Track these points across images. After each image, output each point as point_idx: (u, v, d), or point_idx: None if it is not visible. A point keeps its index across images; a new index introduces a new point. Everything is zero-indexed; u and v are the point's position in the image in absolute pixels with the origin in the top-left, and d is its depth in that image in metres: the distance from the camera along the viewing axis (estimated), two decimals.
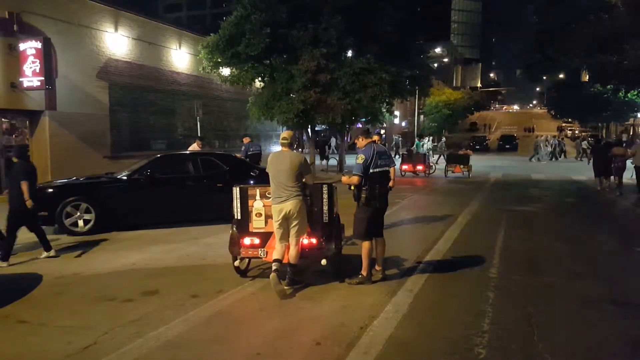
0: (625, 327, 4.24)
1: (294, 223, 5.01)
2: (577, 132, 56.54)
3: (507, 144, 45.54)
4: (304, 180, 5.09)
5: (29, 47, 12.08)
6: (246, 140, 13.46)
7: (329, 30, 15.78)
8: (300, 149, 25.85)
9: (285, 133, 5.26)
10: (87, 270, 5.87)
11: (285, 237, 5.07)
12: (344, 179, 5.33)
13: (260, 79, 17.58)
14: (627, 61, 26.41)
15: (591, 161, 15.59)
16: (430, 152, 27.55)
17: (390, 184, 6.77)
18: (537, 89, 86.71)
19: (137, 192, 8.39)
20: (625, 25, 25.51)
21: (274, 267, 4.92)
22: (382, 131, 44.41)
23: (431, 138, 29.44)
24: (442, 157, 26.61)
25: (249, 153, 12.93)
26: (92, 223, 7.93)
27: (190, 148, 12.77)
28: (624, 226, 9.54)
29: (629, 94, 37.10)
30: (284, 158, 5.05)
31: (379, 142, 6.58)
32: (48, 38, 12.48)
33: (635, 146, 14.58)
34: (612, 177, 14.30)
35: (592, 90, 39.01)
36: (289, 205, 4.96)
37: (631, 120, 46.54)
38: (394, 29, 18.20)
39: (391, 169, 6.92)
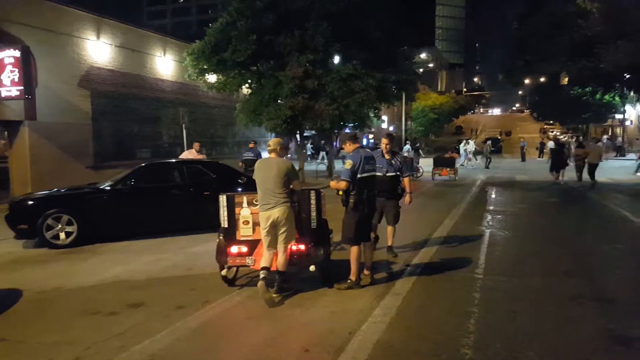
0: (608, 324, 4.30)
1: (282, 230, 4.96)
2: (557, 133, 57.42)
3: (492, 147, 46.05)
4: (291, 186, 5.05)
5: (7, 56, 11.90)
6: (251, 145, 13.81)
7: (316, 36, 15.83)
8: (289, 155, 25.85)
9: (271, 140, 5.23)
10: (70, 284, 5.72)
11: (273, 244, 5.01)
12: (332, 184, 5.30)
13: (247, 85, 17.56)
14: (603, 65, 27.06)
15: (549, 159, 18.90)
16: (472, 154, 28.67)
17: (407, 199, 6.72)
18: (520, 92, 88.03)
19: (121, 202, 8.23)
20: (601, 31, 26.20)
21: (261, 275, 4.85)
22: (371, 136, 44.61)
23: (474, 141, 30.26)
24: (488, 159, 26.87)
25: (244, 157, 13.04)
26: (74, 235, 7.72)
27: (186, 152, 12.64)
28: (603, 224, 9.76)
29: (606, 96, 37.92)
30: (271, 165, 5.01)
31: (386, 147, 6.46)
32: (27, 47, 12.30)
33: (589, 147, 18.20)
34: (562, 172, 17.76)
35: (571, 92, 39.77)
36: (277, 212, 4.91)
37: (610, 121, 47.49)
38: (380, 35, 18.34)
39: (405, 179, 6.71)
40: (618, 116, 42.73)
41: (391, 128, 49.95)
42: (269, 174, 4.95)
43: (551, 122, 59.46)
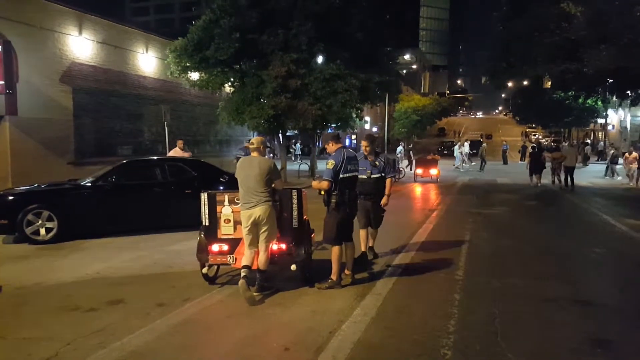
0: (585, 326, 4.38)
1: (264, 229, 4.99)
2: (540, 137, 58.36)
3: (474, 149, 46.59)
4: (273, 185, 5.09)
5: None
6: (247, 145, 14.05)
7: (299, 36, 15.85)
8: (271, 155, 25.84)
9: (254, 139, 5.25)
10: (50, 280, 5.68)
11: (254, 243, 5.04)
12: (314, 184, 5.34)
13: (230, 83, 17.50)
14: (586, 69, 27.42)
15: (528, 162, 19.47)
16: (467, 156, 28.58)
17: (383, 200, 6.37)
18: (503, 95, 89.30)
19: (101, 199, 8.17)
20: (584, 35, 26.54)
21: (242, 274, 4.88)
22: (354, 136, 44.73)
23: (469, 142, 30.06)
24: (483, 162, 26.81)
25: (236, 155, 13.32)
26: (54, 231, 7.67)
27: (171, 152, 12.63)
28: (584, 227, 9.92)
29: (588, 101, 38.61)
30: (253, 163, 5.04)
31: (366, 149, 6.22)
32: (8, 41, 12.10)
33: (564, 151, 18.73)
34: (539, 175, 18.15)
35: (554, 96, 40.40)
36: (259, 211, 4.94)
37: (592, 126, 48.38)
38: (364, 36, 18.44)
39: (387, 180, 6.41)
40: (600, 120, 43.52)
41: (374, 129, 50.22)
42: (251, 172, 4.97)
43: (533, 125, 60.39)
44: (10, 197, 7.96)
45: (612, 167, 22.09)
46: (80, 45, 15.11)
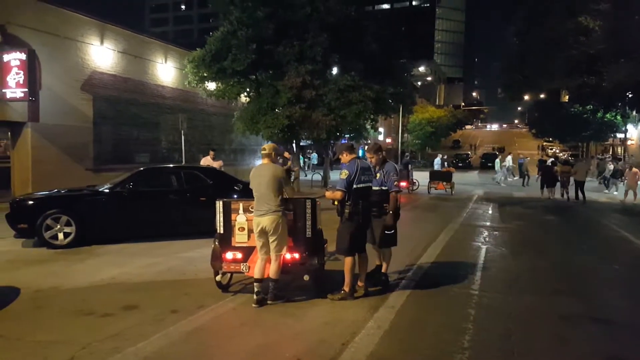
0: (603, 344, 4.30)
1: (272, 239, 5.02)
2: (557, 151, 57.62)
3: (489, 162, 46.23)
4: (284, 194, 5.12)
5: (13, 58, 12.04)
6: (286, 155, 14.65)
7: (315, 47, 16.01)
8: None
9: (266, 145, 5.31)
10: (67, 284, 5.77)
11: (265, 247, 5.08)
12: (328, 194, 5.33)
13: (245, 93, 17.71)
14: (604, 83, 27.00)
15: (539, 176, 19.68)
16: (511, 171, 27.13)
17: (387, 218, 5.59)
18: (519, 108, 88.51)
19: (119, 205, 8.31)
20: (602, 49, 26.20)
21: (255, 289, 4.97)
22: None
23: (511, 157, 28.66)
24: (526, 177, 25.89)
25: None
26: (72, 236, 7.80)
27: (203, 160, 12.82)
28: (602, 243, 9.74)
29: (607, 115, 38.00)
30: (265, 170, 5.11)
31: (372, 160, 5.73)
32: (33, 50, 12.45)
33: (576, 166, 18.67)
34: (552, 189, 18.22)
35: (572, 110, 39.86)
36: (266, 221, 4.97)
37: (610, 140, 47.56)
38: (378, 47, 18.53)
39: (390, 195, 5.63)
40: (620, 135, 42.70)
41: (388, 140, 50.09)
42: (263, 179, 5.04)
43: (550, 139, 59.61)
44: (30, 202, 8.14)
45: (613, 181, 21.72)
46: (102, 54, 15.47)
